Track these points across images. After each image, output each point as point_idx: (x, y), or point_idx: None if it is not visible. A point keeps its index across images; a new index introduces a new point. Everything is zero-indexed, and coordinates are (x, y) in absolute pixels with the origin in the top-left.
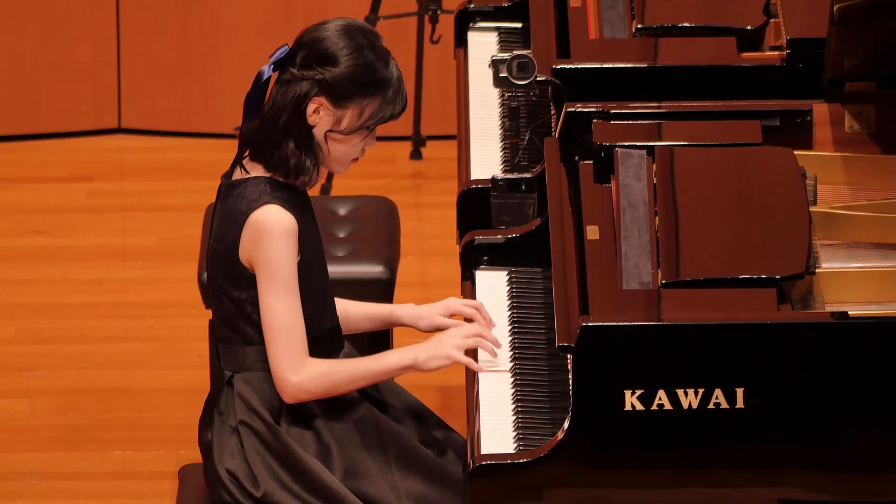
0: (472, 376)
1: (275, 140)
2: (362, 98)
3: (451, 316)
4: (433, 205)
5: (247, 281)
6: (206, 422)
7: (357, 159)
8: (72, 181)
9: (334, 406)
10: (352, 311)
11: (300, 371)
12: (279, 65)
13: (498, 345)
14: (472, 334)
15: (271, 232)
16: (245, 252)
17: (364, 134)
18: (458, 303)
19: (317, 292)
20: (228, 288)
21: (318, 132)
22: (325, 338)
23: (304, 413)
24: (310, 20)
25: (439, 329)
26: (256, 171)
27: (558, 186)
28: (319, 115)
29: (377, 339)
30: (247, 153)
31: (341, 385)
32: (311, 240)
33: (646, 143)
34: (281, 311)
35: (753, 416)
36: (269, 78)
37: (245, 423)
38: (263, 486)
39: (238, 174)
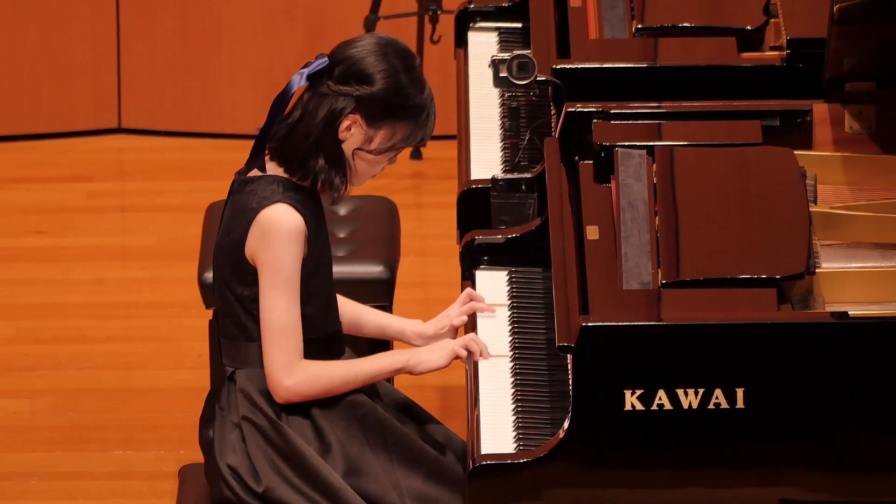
0: (472, 376)
1: (304, 153)
2: (396, 121)
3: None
4: (433, 205)
5: (251, 278)
6: (208, 418)
7: (375, 175)
8: (72, 181)
9: (337, 403)
10: (370, 319)
11: (293, 373)
12: (315, 76)
13: (487, 355)
14: (464, 343)
15: (278, 231)
16: (250, 248)
17: (391, 155)
18: (453, 307)
19: (322, 294)
20: (233, 284)
21: (347, 148)
22: (326, 340)
23: (307, 410)
24: (310, 20)
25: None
26: (273, 170)
27: (558, 186)
28: (351, 131)
29: (376, 345)
30: (266, 153)
31: (334, 387)
32: (319, 242)
33: (646, 143)
34: (280, 311)
35: (753, 416)
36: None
37: (247, 418)
38: (265, 481)
39: (253, 171)
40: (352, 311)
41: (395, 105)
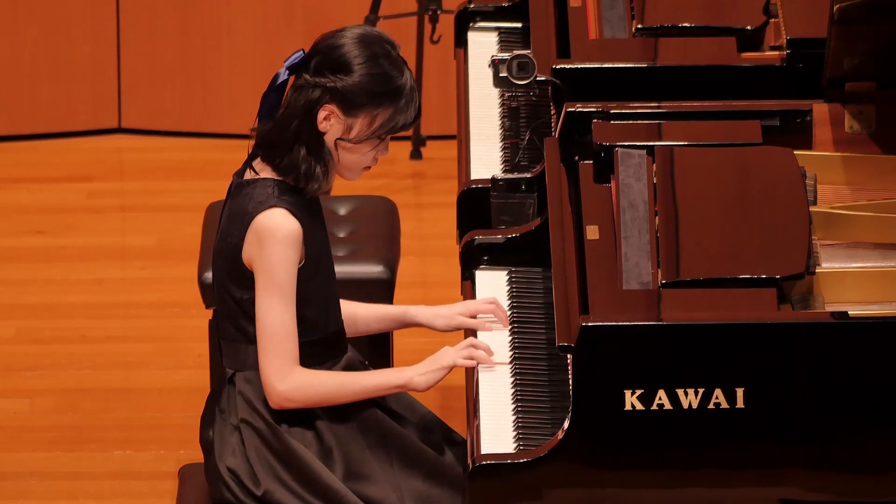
0: (472, 376)
1: (285, 145)
2: (373, 107)
3: (471, 318)
4: (433, 205)
5: (249, 282)
6: (208, 419)
7: (369, 167)
8: (72, 181)
9: (337, 406)
10: (361, 313)
11: (286, 379)
12: (294, 69)
13: (490, 353)
14: (466, 346)
15: (273, 237)
16: (247, 253)
17: (375, 143)
18: (475, 302)
19: (321, 296)
20: (232, 288)
21: (329, 139)
22: (327, 341)
23: (306, 413)
24: (310, 20)
25: (457, 329)
26: (266, 172)
27: (558, 186)
28: (330, 122)
29: (377, 344)
30: (259, 153)
31: (328, 397)
32: (317, 244)
33: (646, 143)
34: (275, 316)
35: (753, 416)
36: (286, 81)
37: (246, 421)
38: (264, 484)
39: (249, 174)
40: (344, 311)
41: (371, 91)
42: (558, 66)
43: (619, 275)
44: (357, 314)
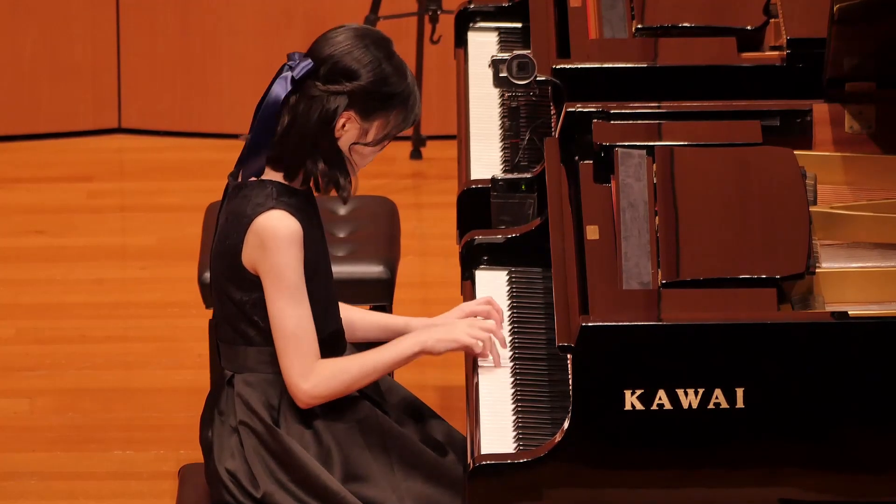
0: (472, 376)
1: (301, 157)
2: (388, 110)
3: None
4: (433, 205)
5: (249, 283)
6: (207, 421)
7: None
8: (72, 181)
9: (335, 407)
10: (366, 320)
11: (310, 376)
12: (303, 80)
13: (504, 345)
14: (487, 329)
15: (276, 238)
16: (248, 256)
17: (385, 144)
18: (469, 304)
19: (319, 297)
20: (230, 289)
21: (343, 144)
22: (327, 341)
23: (305, 415)
24: (310, 20)
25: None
26: (267, 174)
27: (558, 186)
28: (346, 128)
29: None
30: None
31: (354, 382)
32: (315, 244)
33: (646, 143)
34: (289, 317)
35: (753, 416)
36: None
37: (245, 423)
38: (263, 486)
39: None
40: (344, 317)
41: (386, 95)
42: (558, 66)
43: (619, 275)
44: (362, 320)
